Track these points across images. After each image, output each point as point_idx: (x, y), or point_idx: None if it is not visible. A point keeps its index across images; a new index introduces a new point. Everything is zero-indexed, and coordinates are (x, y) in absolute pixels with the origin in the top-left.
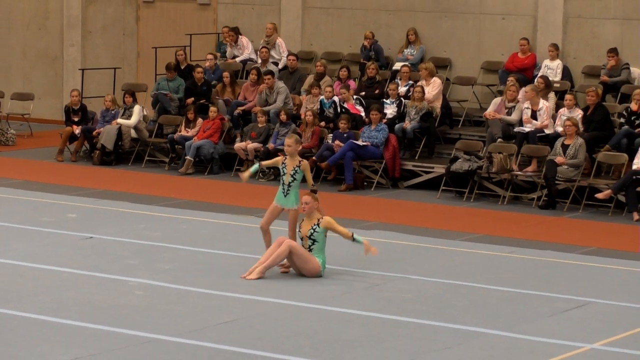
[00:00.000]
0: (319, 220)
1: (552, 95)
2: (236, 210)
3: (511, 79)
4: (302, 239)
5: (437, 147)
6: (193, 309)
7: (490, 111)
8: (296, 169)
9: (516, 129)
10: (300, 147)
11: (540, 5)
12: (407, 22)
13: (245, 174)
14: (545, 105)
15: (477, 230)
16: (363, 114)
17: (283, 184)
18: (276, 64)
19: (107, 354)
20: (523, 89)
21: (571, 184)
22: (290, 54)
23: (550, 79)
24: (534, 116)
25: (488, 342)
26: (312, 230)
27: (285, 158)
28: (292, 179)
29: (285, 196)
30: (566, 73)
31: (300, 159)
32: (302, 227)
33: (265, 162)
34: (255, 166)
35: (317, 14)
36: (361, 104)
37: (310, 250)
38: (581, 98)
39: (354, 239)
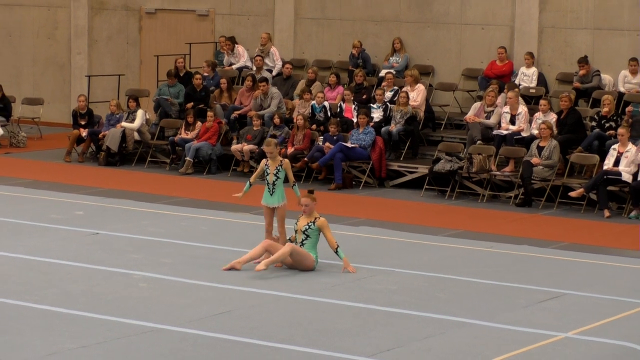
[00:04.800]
0: (315, 218)
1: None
2: (233, 208)
3: (495, 86)
4: (296, 231)
5: (420, 148)
6: (193, 300)
7: (470, 115)
8: (278, 168)
9: (495, 132)
10: (278, 149)
11: (517, 16)
12: (392, 32)
13: (240, 194)
14: (524, 110)
15: (458, 226)
16: (355, 119)
17: (268, 183)
18: (270, 71)
19: (112, 342)
20: (504, 93)
21: (546, 183)
22: (284, 62)
23: (526, 85)
24: (512, 120)
25: (469, 331)
26: (307, 227)
27: (267, 160)
28: (276, 177)
29: (271, 195)
30: (541, 79)
31: (282, 159)
32: (299, 220)
33: (253, 177)
34: (247, 185)
35: (309, 24)
36: (357, 110)
37: (302, 244)
38: (555, 103)
39: (336, 252)
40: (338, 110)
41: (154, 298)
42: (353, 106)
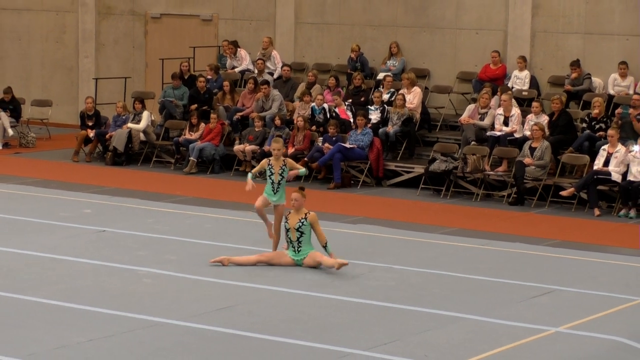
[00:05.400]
0: (306, 215)
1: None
2: (235, 206)
3: (488, 89)
4: (288, 230)
5: (416, 149)
6: (197, 295)
7: (464, 117)
8: (283, 167)
9: (488, 133)
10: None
11: (510, 21)
12: (389, 36)
13: (250, 183)
14: (517, 112)
15: (453, 224)
16: (352, 119)
17: (272, 182)
18: (271, 74)
19: (118, 336)
20: (497, 96)
21: (538, 183)
22: (284, 64)
23: (519, 87)
24: (505, 122)
25: (464, 325)
26: (299, 224)
27: (270, 160)
28: (281, 177)
29: (275, 193)
30: (533, 82)
31: (284, 157)
32: (290, 219)
33: (255, 170)
34: (249, 175)
35: (309, 28)
36: (351, 110)
37: (299, 242)
38: (547, 105)
39: (325, 247)
40: (334, 114)
41: (158, 293)
42: (345, 107)
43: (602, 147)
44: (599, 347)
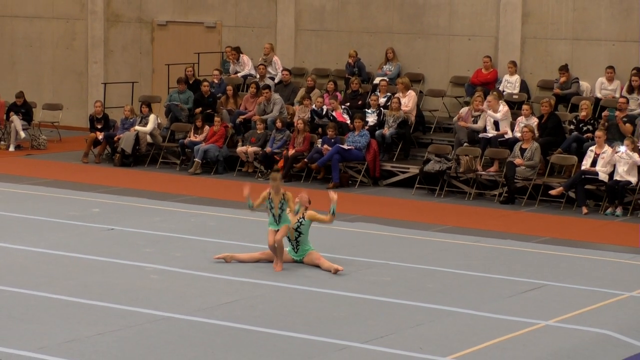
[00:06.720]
0: (303, 215)
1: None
2: (238, 205)
3: (480, 93)
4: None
5: (411, 150)
6: (201, 290)
7: (459, 116)
8: (282, 202)
9: (480, 135)
10: (283, 184)
11: (501, 28)
12: (386, 42)
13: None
14: (504, 108)
15: (446, 222)
16: (349, 121)
17: (273, 215)
18: (273, 78)
19: (126, 329)
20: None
21: (528, 182)
22: (284, 69)
23: (510, 91)
24: (496, 122)
25: (457, 319)
26: (298, 223)
27: (270, 194)
28: (281, 210)
29: (277, 224)
30: (523, 86)
31: (284, 192)
32: (290, 218)
33: (256, 204)
34: (249, 202)
35: (308, 35)
36: (347, 113)
37: (297, 241)
38: (536, 108)
39: (333, 213)
40: (331, 117)
41: (165, 289)
42: (341, 110)
43: (590, 148)
44: (587, 339)
